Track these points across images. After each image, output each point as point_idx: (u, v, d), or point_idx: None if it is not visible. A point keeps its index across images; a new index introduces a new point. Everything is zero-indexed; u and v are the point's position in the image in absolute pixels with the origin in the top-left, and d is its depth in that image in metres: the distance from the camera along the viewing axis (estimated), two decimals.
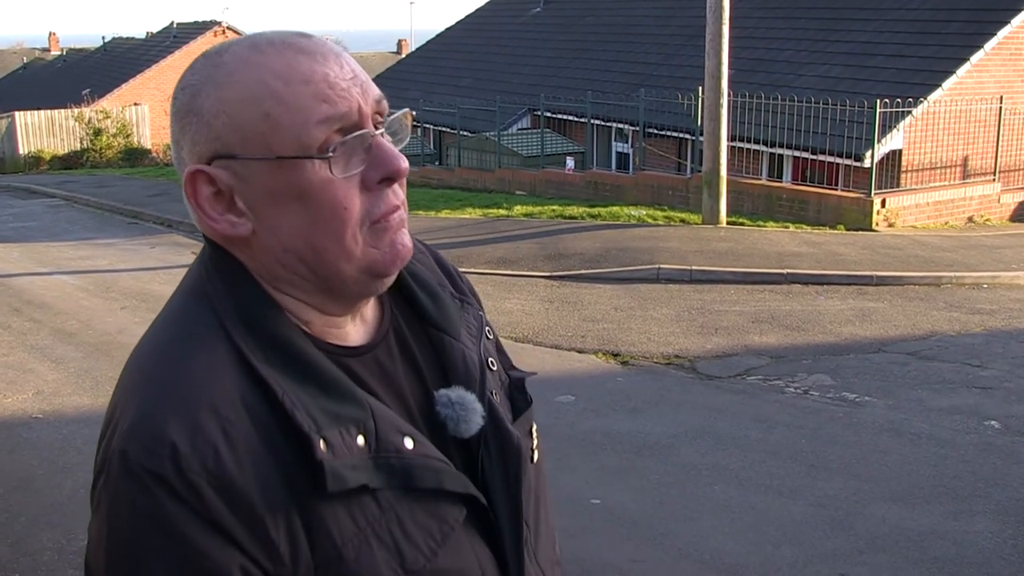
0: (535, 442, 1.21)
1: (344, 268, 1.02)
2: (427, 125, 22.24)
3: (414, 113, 1.16)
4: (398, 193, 1.05)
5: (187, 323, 1.01)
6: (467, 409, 1.11)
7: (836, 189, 13.60)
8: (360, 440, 0.99)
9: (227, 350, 0.98)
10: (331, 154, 0.98)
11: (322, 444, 0.96)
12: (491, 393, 1.16)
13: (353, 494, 0.98)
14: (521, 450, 1.15)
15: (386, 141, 1.03)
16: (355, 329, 1.09)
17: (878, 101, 12.70)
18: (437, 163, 21.72)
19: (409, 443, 1.03)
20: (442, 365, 1.14)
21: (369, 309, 1.12)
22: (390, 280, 1.08)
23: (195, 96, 1.00)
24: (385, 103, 1.05)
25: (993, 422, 5.71)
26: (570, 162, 17.36)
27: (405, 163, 1.04)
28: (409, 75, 26.53)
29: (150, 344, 1.03)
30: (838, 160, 13.81)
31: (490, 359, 1.20)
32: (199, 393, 0.95)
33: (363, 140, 1.01)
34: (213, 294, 1.02)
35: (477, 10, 28.89)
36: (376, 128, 1.03)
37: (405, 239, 1.05)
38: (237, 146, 0.98)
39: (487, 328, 1.24)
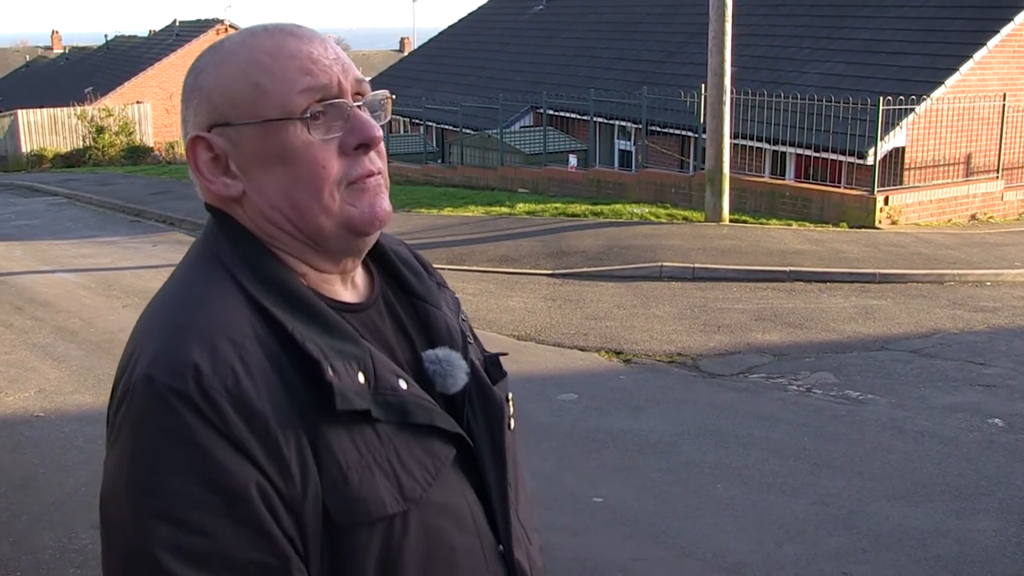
0: (512, 410, 1.31)
1: (324, 223, 1.12)
2: (430, 123, 22.23)
3: (394, 96, 1.25)
4: (375, 160, 1.15)
5: (199, 275, 1.12)
6: (453, 365, 1.21)
7: (839, 187, 13.58)
8: (360, 377, 1.09)
9: (238, 293, 1.09)
10: (310, 117, 1.10)
11: (330, 370, 1.06)
12: (473, 356, 1.27)
13: (356, 423, 1.08)
14: (503, 406, 1.26)
15: (363, 113, 1.14)
16: (347, 292, 1.20)
17: (881, 98, 12.67)
18: (440, 161, 21.71)
19: (403, 384, 1.13)
20: (427, 331, 1.26)
21: (359, 277, 1.23)
22: (370, 240, 1.18)
23: (198, 76, 1.14)
24: (367, 85, 1.17)
25: (996, 420, 5.70)
26: (573, 160, 17.34)
27: (379, 132, 1.14)
28: (412, 73, 26.51)
29: (164, 296, 1.13)
30: (841, 157, 13.78)
31: (468, 334, 1.32)
32: (216, 326, 1.05)
33: (341, 109, 1.12)
34: (220, 251, 1.13)
35: (480, 8, 28.87)
36: (355, 103, 1.14)
37: (384, 204, 1.16)
38: (231, 114, 1.11)
39: (462, 312, 1.36)
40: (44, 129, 27.32)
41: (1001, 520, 4.42)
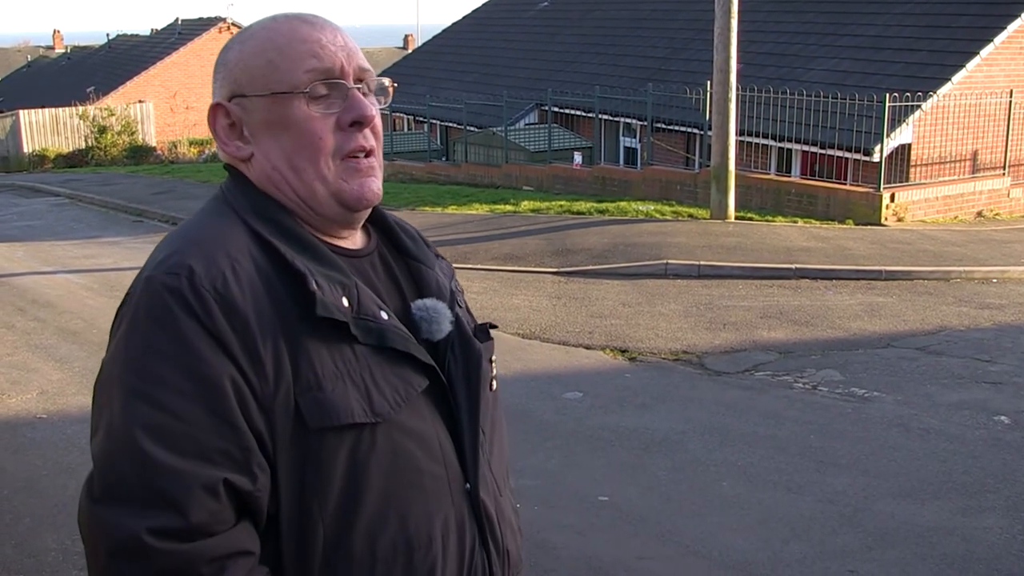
0: (494, 371, 1.40)
1: (318, 188, 1.27)
2: (434, 120, 22.21)
3: (395, 85, 1.40)
4: (368, 138, 1.29)
5: (209, 212, 1.29)
6: (439, 313, 1.33)
7: (845, 184, 13.52)
8: (344, 301, 1.21)
9: (242, 226, 1.24)
10: (313, 97, 1.26)
11: (314, 283, 1.19)
12: (460, 313, 1.38)
13: (335, 340, 1.19)
14: (481, 356, 1.36)
15: (361, 95, 1.29)
16: (344, 241, 1.33)
17: (887, 95, 12.61)
18: (444, 159, 21.68)
19: (384, 315, 1.26)
20: (419, 287, 1.37)
21: (357, 236, 1.36)
22: (360, 216, 1.33)
23: (226, 53, 1.33)
24: (371, 73, 1.32)
25: (1003, 417, 5.66)
26: (577, 157, 17.30)
27: (372, 111, 1.29)
28: (415, 70, 26.48)
29: (179, 227, 1.30)
30: (847, 154, 13.73)
31: (458, 295, 1.43)
32: (217, 243, 1.20)
33: (341, 90, 1.28)
34: (231, 197, 1.29)
35: (484, 5, 28.82)
36: (357, 87, 1.29)
37: (373, 185, 1.30)
38: (247, 86, 1.28)
39: (455, 281, 1.46)
40: (46, 129, 27.33)
41: (1007, 518, 4.38)
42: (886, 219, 12.36)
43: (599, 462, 5.15)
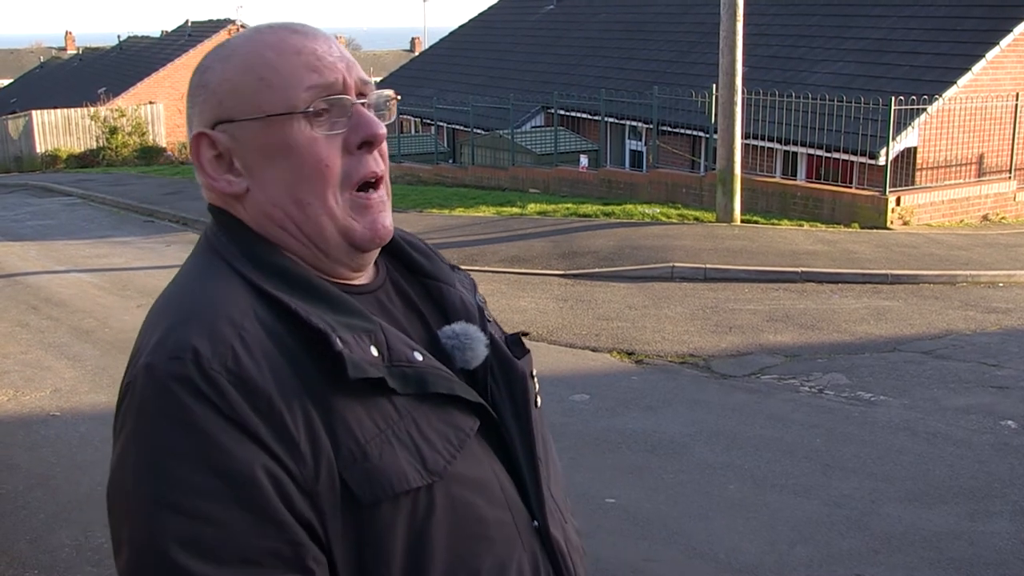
0: (536, 388, 1.26)
1: (327, 226, 1.11)
2: (441, 123, 22.27)
3: (399, 96, 1.24)
4: (379, 161, 1.14)
5: (198, 269, 1.11)
6: (471, 338, 1.18)
7: (850, 187, 13.54)
8: (373, 350, 1.06)
9: (237, 280, 1.07)
10: (314, 115, 1.09)
11: (339, 341, 1.03)
12: (492, 331, 1.24)
13: (370, 396, 1.04)
14: (527, 378, 1.23)
15: (367, 111, 1.13)
16: (351, 275, 1.17)
17: (893, 98, 12.63)
18: (451, 161, 21.74)
19: (419, 356, 1.10)
20: (442, 309, 1.23)
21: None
22: (369, 257, 1.17)
23: (203, 74, 1.14)
24: (372, 85, 1.16)
25: (1009, 422, 5.69)
26: (584, 160, 17.34)
27: (382, 130, 1.13)
28: (422, 73, 26.55)
29: (167, 292, 1.12)
30: (853, 158, 13.74)
31: (486, 311, 1.28)
32: (214, 311, 1.03)
33: (344, 105, 1.11)
34: (220, 247, 1.12)
35: (490, 8, 28.89)
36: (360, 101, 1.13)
37: (386, 221, 1.15)
38: (235, 110, 1.10)
39: (479, 294, 1.32)
40: (58, 130, 27.49)
41: (1015, 522, 4.41)
42: (892, 223, 12.38)
43: (606, 464, 5.19)
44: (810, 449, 5.31)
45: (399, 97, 1.23)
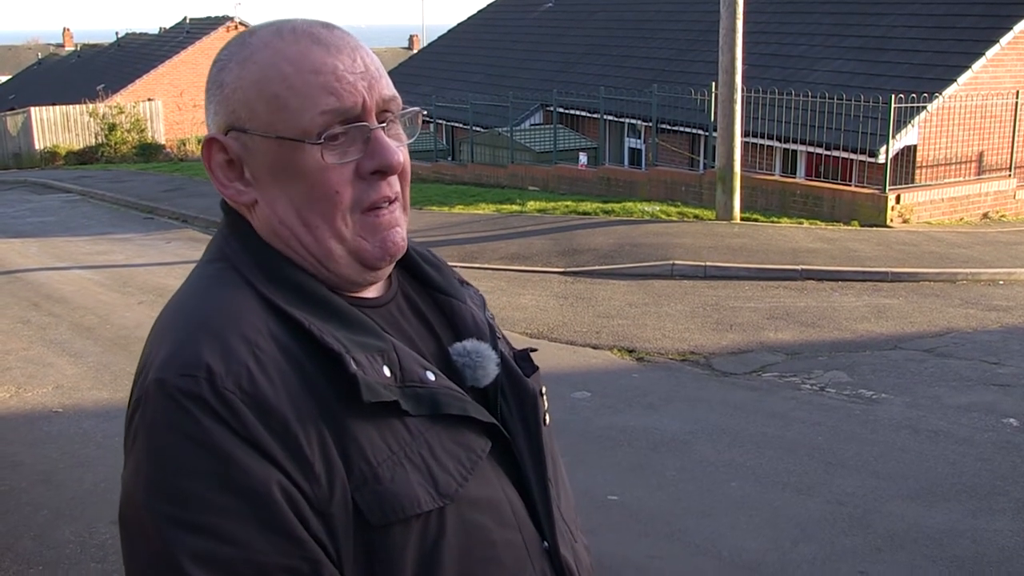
0: (546, 405, 1.25)
1: (335, 248, 1.08)
2: (439, 121, 22.25)
3: (425, 112, 1.17)
4: (393, 185, 1.11)
5: (210, 278, 1.09)
6: (483, 356, 1.17)
7: (850, 185, 13.56)
8: (386, 370, 1.05)
9: (250, 293, 1.05)
10: (327, 141, 1.05)
11: (353, 362, 1.02)
12: (502, 348, 1.23)
13: (383, 417, 1.03)
14: (537, 397, 1.21)
15: (385, 136, 1.09)
16: (364, 290, 1.16)
17: (893, 96, 12.64)
18: (450, 159, 21.74)
19: (431, 376, 1.09)
20: (452, 325, 1.21)
21: None
22: (381, 274, 1.15)
23: (221, 70, 1.10)
24: (397, 102, 1.11)
25: (1011, 420, 5.70)
26: (583, 158, 17.35)
27: (399, 158, 1.09)
28: (421, 71, 26.53)
29: (175, 300, 1.10)
30: (852, 156, 13.76)
31: (496, 328, 1.27)
32: (227, 325, 1.01)
33: (362, 132, 1.07)
34: (232, 254, 1.10)
35: (489, 5, 28.87)
36: (381, 122, 1.09)
37: (396, 237, 1.12)
38: (247, 121, 1.07)
39: (488, 310, 1.31)
40: (57, 126, 27.46)
41: (1018, 520, 4.42)
42: (891, 220, 12.40)
43: (608, 462, 5.20)
44: (812, 447, 5.32)
45: (425, 112, 1.20)
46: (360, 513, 1.00)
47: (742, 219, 12.32)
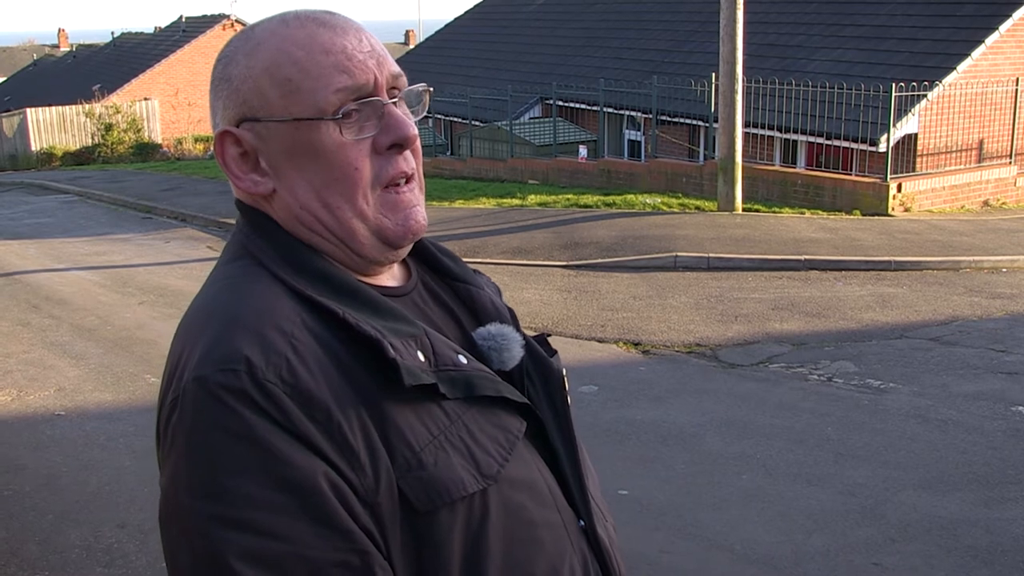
0: (568, 386, 1.26)
1: (357, 227, 1.09)
2: (438, 115, 22.18)
3: (432, 89, 1.20)
4: (409, 160, 1.11)
5: (236, 274, 1.07)
6: (507, 339, 1.18)
7: (851, 174, 13.51)
8: (420, 355, 1.05)
9: (280, 287, 1.04)
10: (343, 118, 1.05)
11: (390, 348, 1.01)
12: (523, 331, 1.24)
13: (422, 402, 1.03)
14: (563, 376, 1.23)
15: (398, 111, 1.10)
16: (386, 279, 1.17)
17: (893, 85, 12.59)
18: (449, 153, 21.67)
19: (463, 359, 1.10)
20: (473, 311, 1.23)
21: (396, 267, 1.19)
22: (402, 252, 1.15)
23: (227, 65, 1.10)
24: (404, 79, 1.12)
25: (1020, 407, 5.66)
26: (583, 150, 17.29)
27: (414, 130, 1.10)
28: (418, 66, 26.43)
29: (202, 299, 1.07)
30: (853, 145, 13.71)
31: (513, 312, 1.29)
32: (262, 318, 1.00)
33: (375, 107, 1.08)
34: (256, 250, 1.09)
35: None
36: (392, 99, 1.10)
37: (418, 216, 1.12)
38: (260, 109, 1.06)
39: (503, 300, 1.33)
40: (53, 127, 27.39)
41: None
42: (893, 209, 12.36)
43: (617, 455, 5.16)
44: (821, 438, 5.29)
45: (432, 89, 1.19)
46: (406, 500, 0.99)
47: (744, 210, 12.28)
